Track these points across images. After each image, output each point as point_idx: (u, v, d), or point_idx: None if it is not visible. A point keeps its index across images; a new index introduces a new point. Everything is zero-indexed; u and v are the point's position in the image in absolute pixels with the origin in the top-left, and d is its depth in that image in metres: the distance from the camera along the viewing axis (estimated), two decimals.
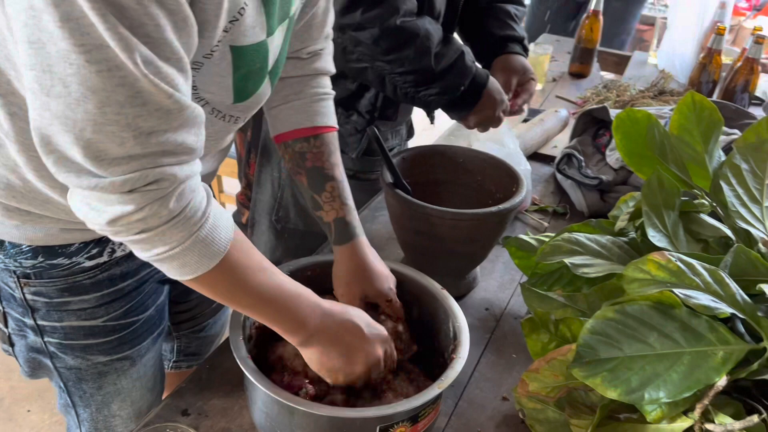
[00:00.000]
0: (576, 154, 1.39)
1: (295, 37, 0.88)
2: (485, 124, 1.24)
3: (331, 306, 0.75)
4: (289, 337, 0.73)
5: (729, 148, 0.96)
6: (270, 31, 0.73)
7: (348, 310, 0.76)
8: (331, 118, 0.92)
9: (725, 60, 2.02)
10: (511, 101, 1.29)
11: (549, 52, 2.13)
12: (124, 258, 0.87)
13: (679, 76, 2.13)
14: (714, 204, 0.92)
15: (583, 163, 1.38)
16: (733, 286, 0.74)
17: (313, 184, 0.89)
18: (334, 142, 0.92)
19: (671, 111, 1.37)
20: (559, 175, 1.44)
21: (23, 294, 0.83)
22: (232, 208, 1.89)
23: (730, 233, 0.90)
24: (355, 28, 1.13)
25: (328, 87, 0.94)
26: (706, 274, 0.74)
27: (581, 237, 0.90)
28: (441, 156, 1.16)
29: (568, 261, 0.85)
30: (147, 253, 0.61)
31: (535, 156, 1.60)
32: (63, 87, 0.52)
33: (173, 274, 0.64)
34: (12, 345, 0.90)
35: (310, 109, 0.90)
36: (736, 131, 1.39)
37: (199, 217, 0.61)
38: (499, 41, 1.37)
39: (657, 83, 1.99)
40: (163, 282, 0.97)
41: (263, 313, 0.71)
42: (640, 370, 0.70)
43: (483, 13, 1.40)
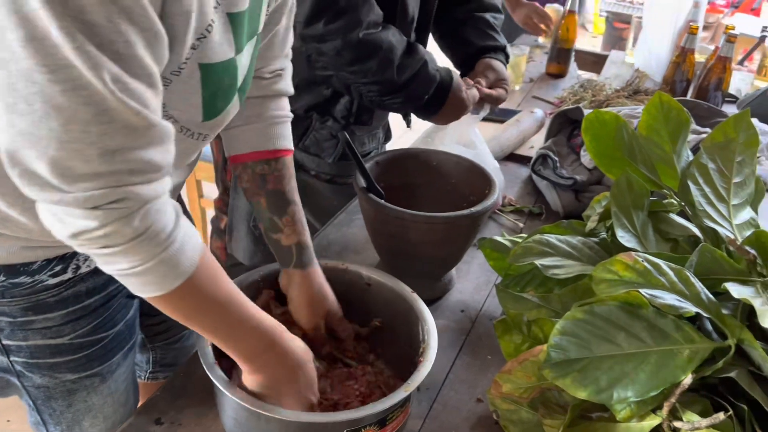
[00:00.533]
0: (551, 154, 1.40)
1: (258, 56, 0.88)
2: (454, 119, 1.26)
3: (287, 350, 0.75)
4: (237, 361, 0.74)
5: (698, 148, 0.97)
6: (239, 48, 0.73)
7: (301, 361, 0.76)
8: (290, 141, 0.93)
9: (699, 58, 2.05)
10: (480, 85, 1.29)
11: (526, 53, 2.14)
12: (90, 274, 0.86)
13: (655, 75, 2.15)
14: (682, 203, 0.93)
15: (558, 164, 1.39)
16: (698, 285, 0.75)
17: (274, 206, 0.89)
18: (292, 165, 0.92)
19: None
20: (534, 176, 1.44)
21: None
22: (212, 213, 1.89)
23: (698, 232, 0.91)
24: (317, 39, 1.13)
25: (287, 109, 0.94)
26: (671, 274, 0.75)
27: (552, 238, 0.91)
28: (415, 159, 1.16)
29: (539, 262, 0.86)
30: (109, 266, 0.61)
31: (511, 157, 1.61)
32: (26, 105, 0.52)
33: (135, 290, 0.64)
34: None
35: (271, 132, 0.90)
36: (708, 130, 1.40)
37: (164, 238, 0.61)
38: (479, 51, 1.39)
39: (632, 82, 2.01)
40: (132, 296, 0.96)
41: (218, 340, 0.71)
42: (609, 370, 0.71)
43: (462, 23, 1.41)
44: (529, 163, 1.50)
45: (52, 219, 0.58)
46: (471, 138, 1.31)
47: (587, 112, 0.98)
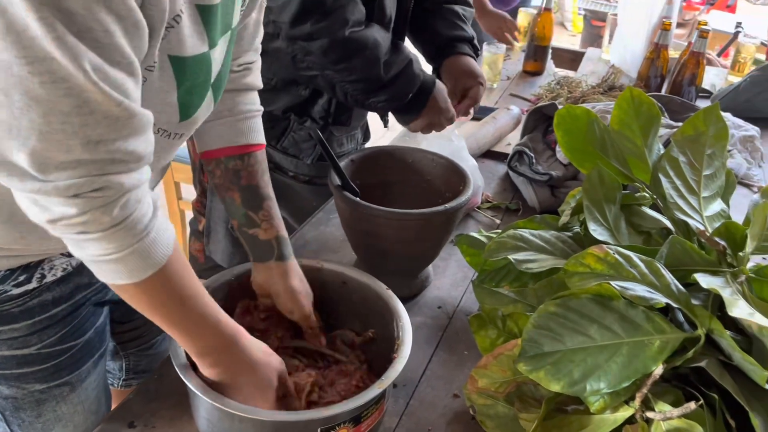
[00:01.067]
0: (527, 151, 1.41)
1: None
2: (429, 128, 1.27)
3: (244, 349, 0.74)
4: (195, 358, 0.73)
5: (670, 142, 0.98)
6: (212, 43, 0.72)
7: (258, 362, 0.75)
8: (262, 135, 0.93)
9: (673, 54, 2.07)
10: (456, 106, 1.31)
11: (503, 51, 2.15)
12: (56, 283, 0.84)
13: (630, 71, 2.16)
14: (654, 196, 0.94)
15: (534, 160, 1.39)
16: (668, 276, 0.75)
17: (249, 202, 0.88)
18: (265, 160, 0.92)
19: None
20: (511, 173, 1.45)
21: None
22: (191, 215, 1.87)
23: (669, 224, 0.92)
24: (304, 38, 1.14)
25: (257, 103, 0.94)
26: (642, 266, 0.76)
27: (526, 233, 0.91)
28: (390, 157, 1.16)
29: (513, 257, 0.86)
30: (81, 251, 0.61)
31: (488, 154, 1.62)
32: (5, 96, 0.51)
33: (102, 276, 0.63)
34: None
35: (243, 126, 0.90)
36: (680, 124, 1.41)
37: (140, 229, 0.61)
38: (447, 42, 1.39)
39: (607, 79, 2.02)
40: (101, 304, 0.95)
41: (176, 334, 0.71)
42: (582, 362, 0.71)
43: (430, 15, 1.41)
44: (505, 159, 1.51)
45: (30, 204, 0.58)
46: (449, 134, 1.31)
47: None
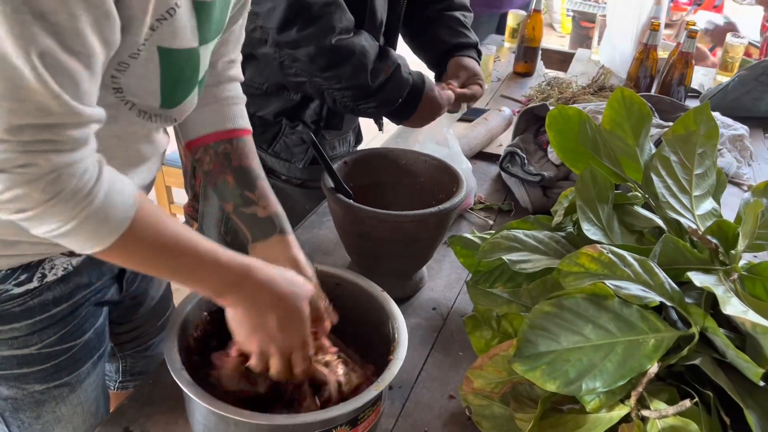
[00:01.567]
0: (518, 151, 1.41)
1: (213, 50, 0.88)
2: (429, 120, 1.26)
3: (264, 280, 0.72)
4: (216, 301, 0.72)
5: (661, 141, 0.99)
6: (203, 40, 0.72)
7: (283, 293, 0.74)
8: (247, 121, 0.93)
9: (662, 55, 2.08)
10: (453, 85, 1.30)
11: (493, 53, 2.16)
12: (56, 283, 0.84)
13: (620, 71, 2.18)
14: (646, 195, 0.94)
15: (526, 161, 1.40)
16: (661, 275, 0.76)
17: (243, 182, 0.88)
18: (253, 145, 0.92)
19: None
20: (503, 173, 1.45)
21: None
22: (183, 219, 1.87)
23: (662, 223, 0.93)
24: (291, 45, 1.14)
25: (240, 92, 0.94)
26: (636, 265, 0.76)
27: (519, 233, 0.91)
28: (383, 159, 1.16)
29: (507, 258, 0.87)
30: (37, 230, 0.60)
31: (480, 155, 1.62)
32: None
33: (75, 248, 0.63)
34: None
35: (229, 112, 0.90)
36: (671, 124, 1.42)
37: (81, 198, 0.59)
38: (452, 49, 1.40)
39: (597, 79, 2.03)
40: (100, 304, 0.94)
41: (181, 281, 0.70)
42: (577, 362, 0.72)
43: (432, 22, 1.42)
44: (497, 161, 1.51)
45: None
46: (446, 136, 1.31)
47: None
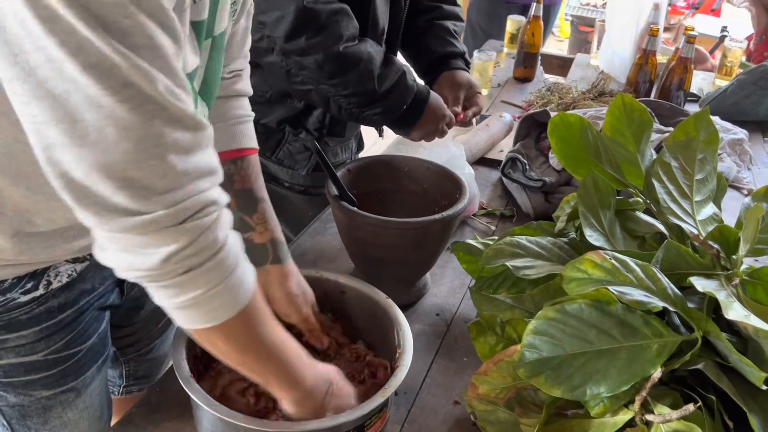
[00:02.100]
0: (520, 157, 1.42)
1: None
2: (430, 137, 1.28)
3: (322, 368, 0.75)
4: (283, 392, 0.72)
5: (662, 147, 1.00)
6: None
7: (332, 372, 0.76)
8: (254, 140, 0.94)
9: (661, 59, 2.09)
10: (462, 113, 1.35)
11: (493, 59, 2.17)
12: (61, 289, 0.85)
13: (619, 76, 2.19)
14: (648, 201, 0.95)
15: (527, 166, 1.41)
16: (664, 280, 0.76)
17: (244, 205, 0.89)
18: (259, 164, 0.93)
19: None
20: (504, 179, 1.46)
21: None
22: None
23: (663, 229, 0.93)
24: (299, 53, 1.15)
25: (248, 109, 0.95)
26: (638, 270, 0.77)
27: (522, 240, 0.92)
28: (386, 166, 1.17)
29: (510, 264, 0.88)
30: (177, 298, 0.59)
31: (481, 161, 1.63)
32: (98, 133, 0.51)
33: (186, 322, 0.62)
34: None
35: (235, 131, 0.91)
36: (671, 129, 1.43)
37: (235, 253, 0.60)
38: (440, 58, 1.41)
39: (597, 84, 2.04)
40: (103, 309, 0.95)
41: (266, 369, 0.69)
42: (582, 367, 0.72)
43: (422, 31, 1.43)
44: (499, 166, 1.52)
45: (130, 256, 0.56)
46: (447, 142, 1.33)
47: (554, 115, 1.00)
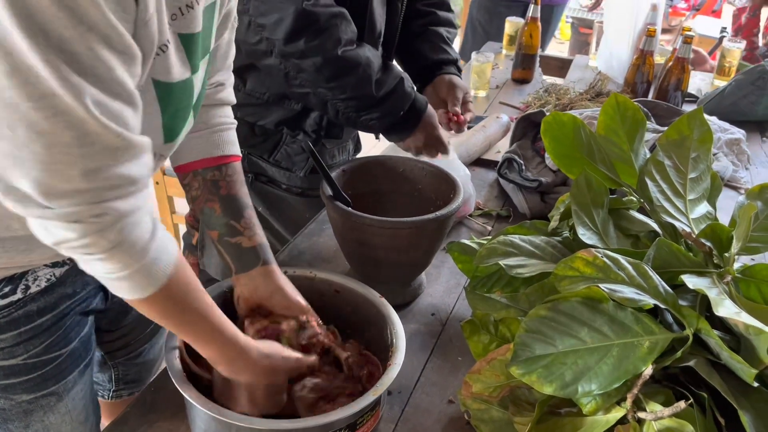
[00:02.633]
0: (516, 158, 1.43)
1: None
2: (422, 150, 1.29)
3: (259, 347, 0.78)
4: (218, 353, 0.75)
5: (655, 146, 1.00)
6: (194, 68, 0.75)
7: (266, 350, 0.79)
8: (237, 147, 0.95)
9: (659, 60, 2.09)
10: (462, 115, 1.35)
11: (491, 60, 2.17)
12: (40, 294, 0.85)
13: (617, 77, 2.19)
14: (641, 200, 0.95)
15: (523, 167, 1.41)
16: (655, 278, 0.77)
17: (230, 211, 0.89)
18: (242, 171, 0.94)
19: None
20: (501, 180, 1.47)
21: None
22: (185, 228, 1.88)
23: (657, 227, 0.94)
24: (297, 56, 1.16)
25: (231, 116, 0.96)
26: (630, 268, 0.77)
27: (516, 239, 0.92)
28: (382, 167, 1.17)
29: (503, 263, 0.88)
30: (91, 269, 0.65)
31: (478, 162, 1.63)
32: (9, 131, 0.55)
33: (114, 291, 0.67)
34: None
35: (219, 138, 0.92)
36: (666, 128, 1.43)
37: (138, 250, 0.64)
38: (433, 64, 1.42)
39: (595, 85, 2.05)
40: (86, 313, 0.95)
41: (191, 343, 0.74)
42: (573, 365, 0.72)
43: (416, 37, 1.44)
44: (495, 167, 1.52)
45: (39, 227, 0.62)
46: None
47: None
